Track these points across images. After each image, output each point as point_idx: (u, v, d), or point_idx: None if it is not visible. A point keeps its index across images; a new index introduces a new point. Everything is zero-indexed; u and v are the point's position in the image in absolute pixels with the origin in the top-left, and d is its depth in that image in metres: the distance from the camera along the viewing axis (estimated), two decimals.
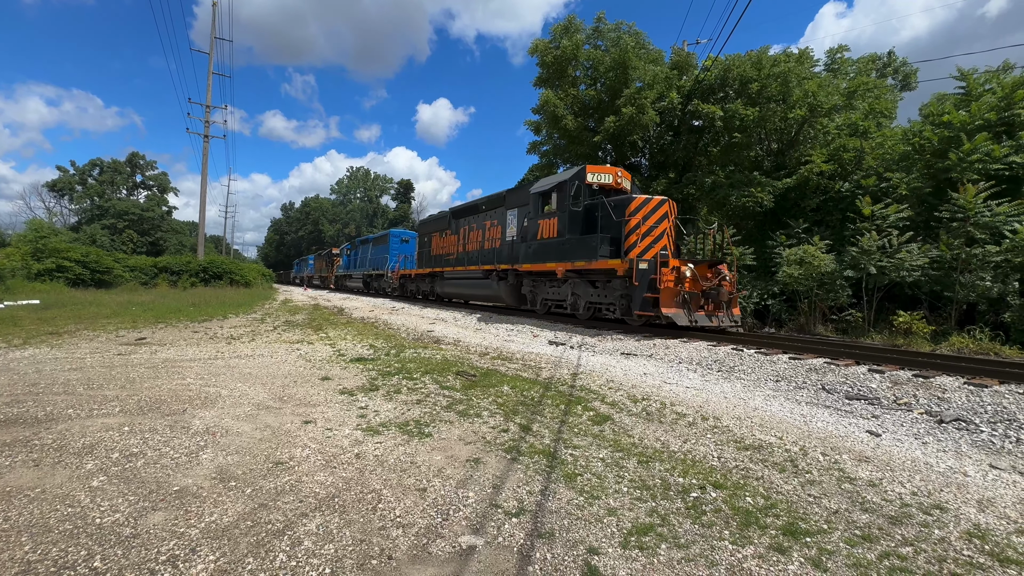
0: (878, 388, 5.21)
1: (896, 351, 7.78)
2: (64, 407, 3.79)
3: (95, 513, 2.22)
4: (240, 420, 3.63)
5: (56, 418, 3.53)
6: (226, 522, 2.18)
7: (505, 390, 4.79)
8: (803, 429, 3.92)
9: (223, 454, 2.95)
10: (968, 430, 4.00)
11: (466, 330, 10.65)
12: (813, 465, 3.11)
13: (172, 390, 4.45)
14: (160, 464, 2.77)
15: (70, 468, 2.68)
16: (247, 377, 5.11)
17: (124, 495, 2.39)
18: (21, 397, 4.05)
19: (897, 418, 4.36)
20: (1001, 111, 11.53)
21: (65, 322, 9.45)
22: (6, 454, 2.84)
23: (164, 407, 3.90)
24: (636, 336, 9.15)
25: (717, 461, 3.11)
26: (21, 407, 3.76)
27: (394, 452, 3.08)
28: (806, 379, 5.70)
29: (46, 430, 3.26)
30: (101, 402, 3.97)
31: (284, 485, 2.57)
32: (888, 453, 3.42)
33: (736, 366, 6.46)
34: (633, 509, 2.43)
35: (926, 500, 2.68)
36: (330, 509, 2.34)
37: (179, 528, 2.12)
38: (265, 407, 4.01)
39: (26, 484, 2.47)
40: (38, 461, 2.76)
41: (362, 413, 3.91)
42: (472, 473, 2.79)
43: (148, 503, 2.32)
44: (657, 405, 4.43)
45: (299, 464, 2.85)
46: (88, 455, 2.86)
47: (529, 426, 3.67)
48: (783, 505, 2.53)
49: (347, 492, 2.52)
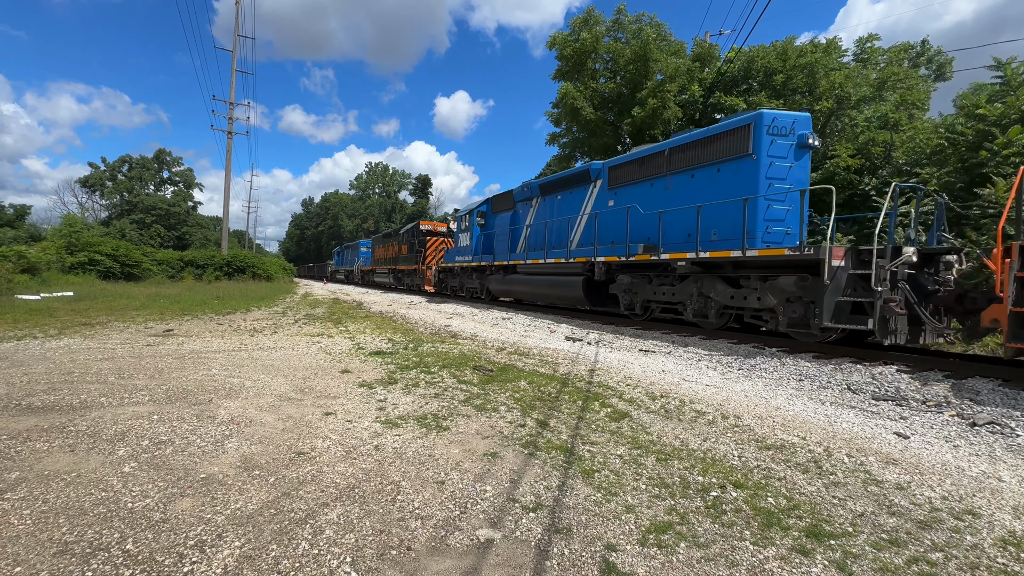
0: (906, 389, 5.06)
1: (926, 351, 7.54)
2: (97, 395, 3.93)
3: (127, 498, 2.29)
4: (263, 411, 3.71)
5: (89, 406, 3.66)
6: (250, 510, 2.24)
7: (522, 385, 4.80)
8: (827, 430, 3.83)
9: (247, 443, 3.02)
10: (1003, 434, 3.86)
11: (483, 325, 10.69)
12: (838, 466, 3.04)
13: (198, 380, 4.57)
14: (187, 452, 2.86)
15: (103, 454, 2.78)
16: (269, 369, 5.22)
17: (154, 481, 2.47)
18: (57, 385, 4.21)
19: (927, 420, 4.23)
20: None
21: (97, 313, 9.79)
22: (44, 439, 2.96)
23: (191, 397, 4.01)
24: (655, 332, 9.05)
25: (738, 460, 3.07)
26: (57, 394, 3.91)
27: (412, 445, 3.11)
28: (831, 378, 5.56)
29: (80, 417, 3.38)
30: (131, 391, 4.10)
31: (306, 475, 2.62)
32: (917, 456, 3.32)
33: (758, 364, 6.35)
34: (652, 507, 2.41)
35: (957, 505, 2.59)
36: (351, 499, 2.38)
37: (206, 514, 2.18)
38: (287, 398, 4.09)
39: (63, 469, 2.57)
40: (73, 447, 2.87)
41: (381, 406, 3.96)
42: (490, 467, 2.81)
43: (176, 489, 2.40)
44: (676, 403, 4.38)
45: (320, 455, 2.90)
46: (120, 442, 2.96)
47: (546, 421, 3.67)
48: (806, 506, 2.48)
49: (367, 483, 2.56)
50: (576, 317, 11.83)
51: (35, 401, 3.73)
